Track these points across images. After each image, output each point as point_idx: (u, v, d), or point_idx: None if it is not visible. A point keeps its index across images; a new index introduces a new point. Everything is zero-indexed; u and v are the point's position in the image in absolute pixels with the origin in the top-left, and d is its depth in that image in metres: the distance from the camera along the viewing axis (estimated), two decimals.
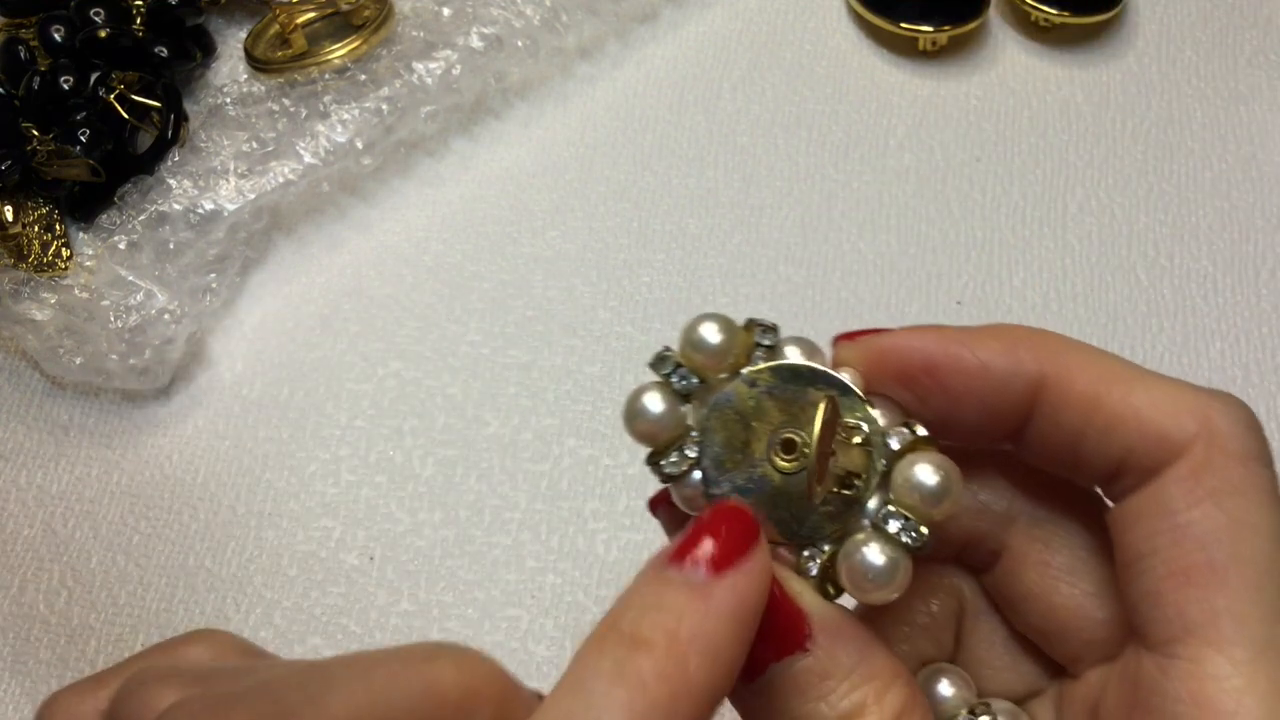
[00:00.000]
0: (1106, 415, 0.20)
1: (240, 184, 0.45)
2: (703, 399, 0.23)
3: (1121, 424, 0.20)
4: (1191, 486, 0.19)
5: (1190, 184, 0.49)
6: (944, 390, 0.22)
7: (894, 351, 0.22)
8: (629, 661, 0.18)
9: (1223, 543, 0.19)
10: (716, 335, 0.22)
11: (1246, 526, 0.19)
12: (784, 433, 0.22)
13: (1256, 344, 0.45)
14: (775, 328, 0.23)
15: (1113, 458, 0.21)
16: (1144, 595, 0.20)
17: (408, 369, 0.45)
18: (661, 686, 0.17)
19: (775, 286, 0.46)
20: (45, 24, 0.48)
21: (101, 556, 0.41)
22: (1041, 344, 0.21)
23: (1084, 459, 0.21)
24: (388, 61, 0.48)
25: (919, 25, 0.51)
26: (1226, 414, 0.20)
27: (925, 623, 0.24)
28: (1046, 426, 0.21)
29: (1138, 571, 0.20)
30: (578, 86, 0.52)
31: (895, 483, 0.21)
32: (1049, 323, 0.45)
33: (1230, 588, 0.19)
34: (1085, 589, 0.22)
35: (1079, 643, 0.23)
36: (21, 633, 0.40)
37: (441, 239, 0.48)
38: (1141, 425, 0.20)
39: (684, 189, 0.49)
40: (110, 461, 0.43)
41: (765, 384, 0.22)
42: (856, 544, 0.21)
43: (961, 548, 0.24)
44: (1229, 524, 0.19)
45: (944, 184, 0.49)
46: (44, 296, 0.44)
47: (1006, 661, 0.24)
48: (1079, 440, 0.21)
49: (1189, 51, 0.52)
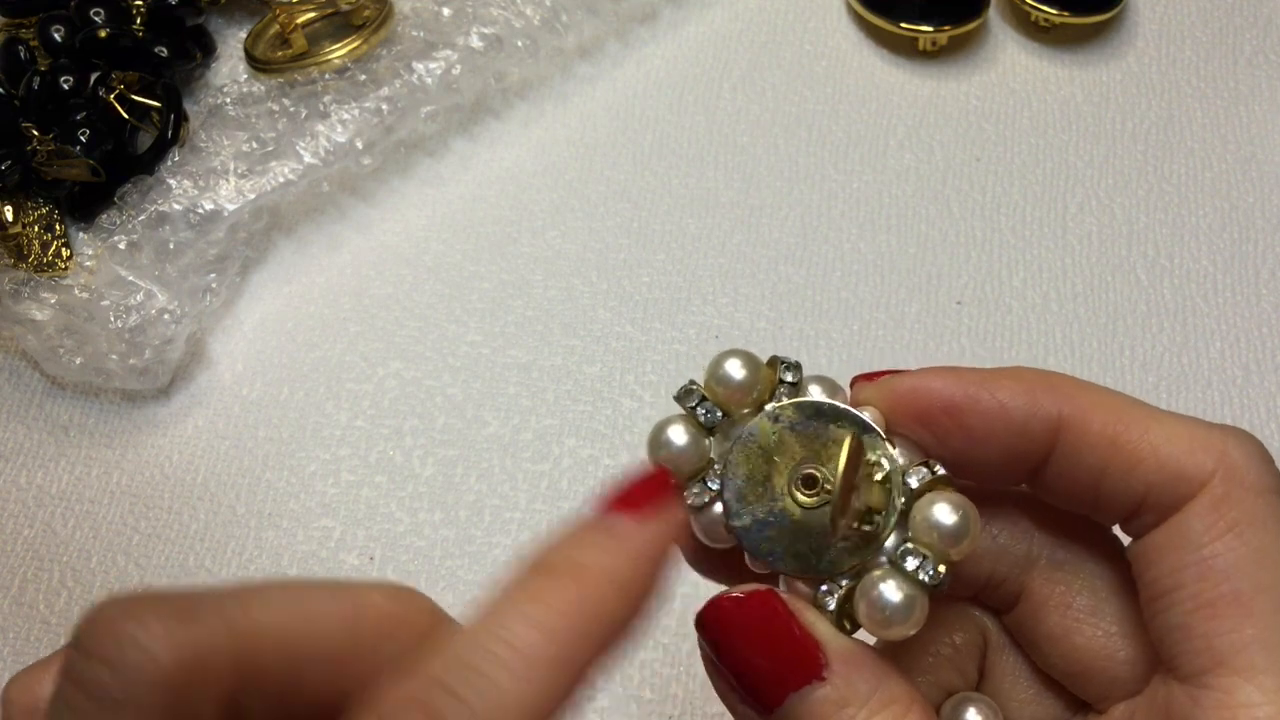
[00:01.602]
0: (1126, 454, 0.21)
1: (240, 184, 0.45)
2: (726, 433, 0.23)
3: (1141, 462, 0.21)
4: (1213, 520, 0.20)
5: (1190, 184, 0.49)
6: (964, 431, 0.22)
7: (914, 392, 0.23)
8: (543, 586, 0.19)
9: (1246, 574, 0.20)
10: (741, 371, 0.23)
11: (1269, 556, 0.20)
12: (805, 468, 0.23)
13: (1256, 344, 0.45)
14: (798, 365, 0.24)
15: (1134, 495, 0.21)
16: (1172, 629, 0.20)
17: (408, 369, 0.45)
18: (571, 608, 0.18)
19: (775, 286, 0.46)
20: (45, 24, 0.49)
21: (101, 556, 0.41)
22: (1058, 385, 0.22)
23: (1105, 497, 0.22)
24: (388, 61, 0.48)
25: (919, 25, 0.51)
26: (1241, 449, 0.21)
27: (949, 654, 0.25)
28: (1066, 466, 0.22)
29: (1165, 605, 0.20)
30: (578, 86, 0.52)
31: (914, 521, 0.22)
32: (1049, 322, 0.45)
33: (1256, 617, 0.19)
34: (1108, 629, 0.23)
35: (1104, 681, 0.23)
36: (21, 633, 0.40)
37: (441, 239, 0.48)
38: (1161, 462, 0.21)
39: (684, 189, 0.49)
40: (110, 461, 0.43)
41: (788, 419, 0.23)
42: (874, 580, 0.21)
43: (980, 588, 0.24)
44: (1252, 555, 0.20)
45: (944, 184, 0.49)
46: (44, 296, 0.44)
47: (1031, 694, 0.25)
48: (1100, 479, 0.22)
49: (1189, 51, 0.52)
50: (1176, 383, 0.44)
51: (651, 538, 0.20)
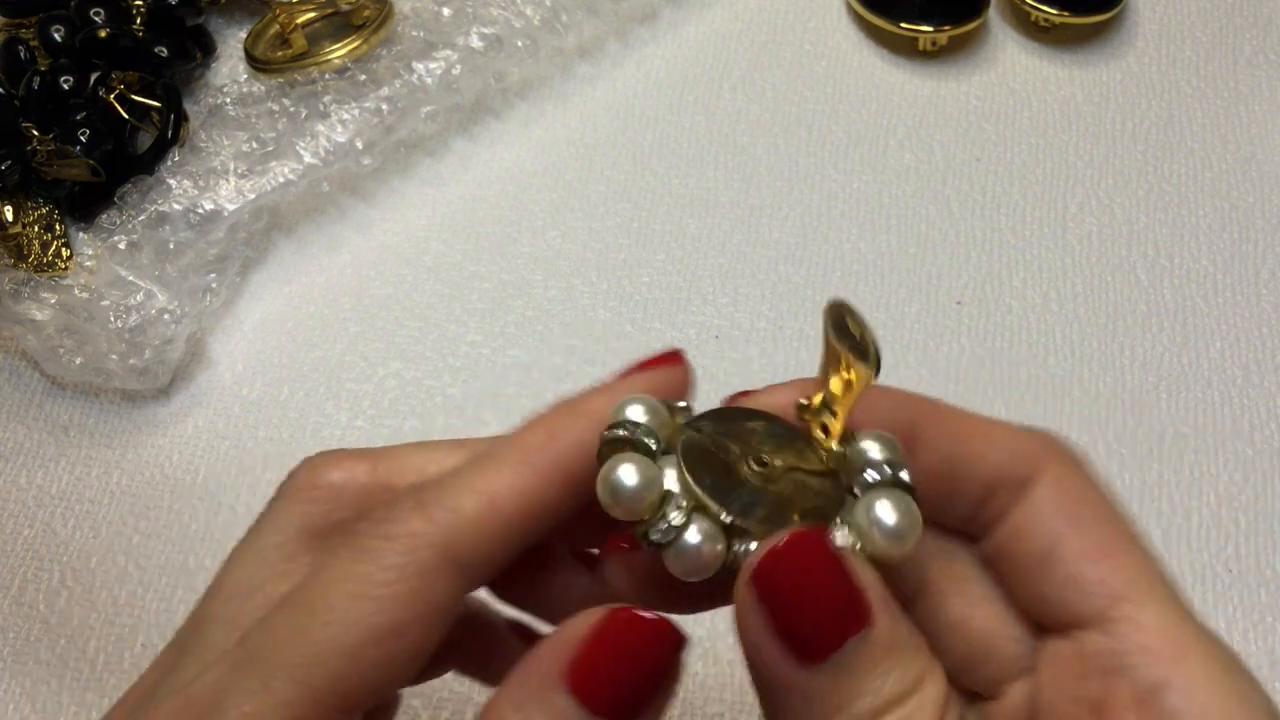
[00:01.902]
0: (975, 444, 0.24)
1: (240, 184, 0.45)
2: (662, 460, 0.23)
3: (988, 451, 0.24)
4: (1066, 487, 0.23)
5: (1190, 184, 0.49)
6: None
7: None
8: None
9: (1105, 524, 0.23)
10: (644, 414, 0.23)
11: (1110, 509, 0.23)
12: (751, 455, 0.23)
13: (1256, 344, 0.45)
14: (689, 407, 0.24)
15: (987, 479, 0.24)
16: (1064, 583, 0.22)
17: (408, 369, 0.45)
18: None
19: (775, 286, 0.46)
20: (45, 24, 0.49)
21: (101, 556, 0.41)
22: (905, 399, 0.25)
23: (960, 487, 0.24)
24: (388, 61, 0.48)
25: (919, 25, 0.51)
26: (1053, 436, 0.24)
27: None
28: (926, 464, 0.24)
29: (1051, 565, 0.23)
30: (578, 86, 0.52)
31: (856, 509, 0.22)
32: (1049, 322, 0.45)
33: (1127, 555, 0.22)
34: (999, 610, 0.24)
35: (1002, 660, 0.24)
36: (21, 633, 0.40)
37: (441, 239, 0.48)
38: (1007, 448, 0.23)
39: (684, 189, 0.49)
40: (110, 461, 0.43)
41: (710, 428, 0.23)
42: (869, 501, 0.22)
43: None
44: (1102, 509, 0.23)
45: (944, 184, 0.49)
46: (44, 296, 0.44)
47: None
48: (954, 470, 0.24)
49: (1189, 51, 0.52)
50: (1176, 383, 0.44)
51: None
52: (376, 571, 0.22)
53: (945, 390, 0.44)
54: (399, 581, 0.22)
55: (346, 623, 0.22)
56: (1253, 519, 0.41)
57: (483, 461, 0.24)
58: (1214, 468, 0.42)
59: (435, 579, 0.22)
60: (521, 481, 0.23)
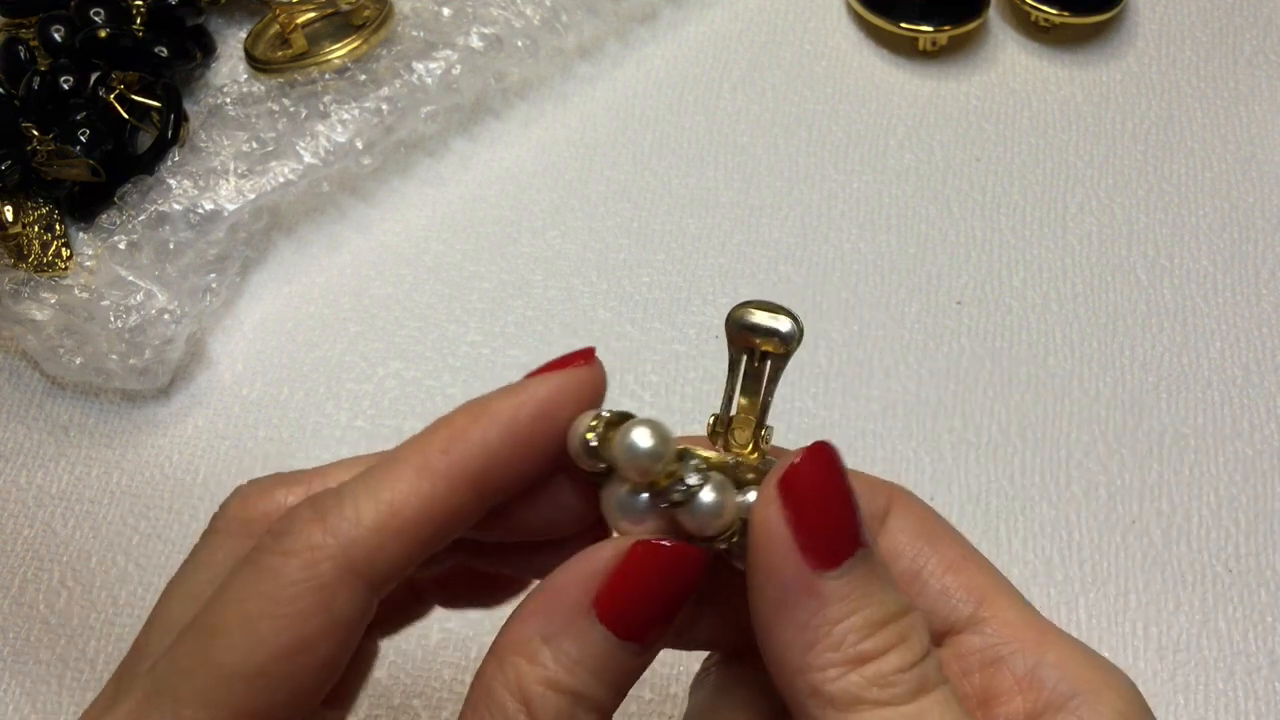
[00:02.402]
0: None
1: (240, 184, 0.45)
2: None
3: None
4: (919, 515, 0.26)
5: (1190, 184, 0.49)
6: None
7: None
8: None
9: (955, 543, 0.26)
10: (650, 437, 0.24)
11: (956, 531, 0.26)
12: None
13: (1256, 344, 0.45)
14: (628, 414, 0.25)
15: None
16: (936, 594, 0.25)
17: (408, 369, 0.45)
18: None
19: (775, 286, 0.46)
20: (45, 24, 0.49)
21: (101, 556, 0.41)
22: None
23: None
24: (388, 61, 0.48)
25: (919, 25, 0.51)
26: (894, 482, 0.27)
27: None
28: None
29: (921, 580, 0.25)
30: (578, 86, 0.52)
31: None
32: (1049, 322, 0.45)
33: (980, 566, 0.25)
34: None
35: None
36: (21, 633, 0.40)
37: (441, 239, 0.48)
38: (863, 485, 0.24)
39: (683, 189, 0.49)
40: (110, 461, 0.43)
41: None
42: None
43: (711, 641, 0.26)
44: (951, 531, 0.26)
45: (944, 184, 0.49)
46: (44, 296, 0.44)
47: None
48: None
49: (1189, 51, 0.52)
50: (1176, 383, 0.44)
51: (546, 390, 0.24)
52: (277, 589, 0.22)
53: (945, 390, 0.44)
54: (300, 598, 0.22)
55: (251, 644, 0.21)
56: (1253, 519, 0.41)
57: (382, 468, 0.23)
58: (1214, 468, 0.42)
59: (337, 591, 0.22)
60: (423, 486, 0.23)
